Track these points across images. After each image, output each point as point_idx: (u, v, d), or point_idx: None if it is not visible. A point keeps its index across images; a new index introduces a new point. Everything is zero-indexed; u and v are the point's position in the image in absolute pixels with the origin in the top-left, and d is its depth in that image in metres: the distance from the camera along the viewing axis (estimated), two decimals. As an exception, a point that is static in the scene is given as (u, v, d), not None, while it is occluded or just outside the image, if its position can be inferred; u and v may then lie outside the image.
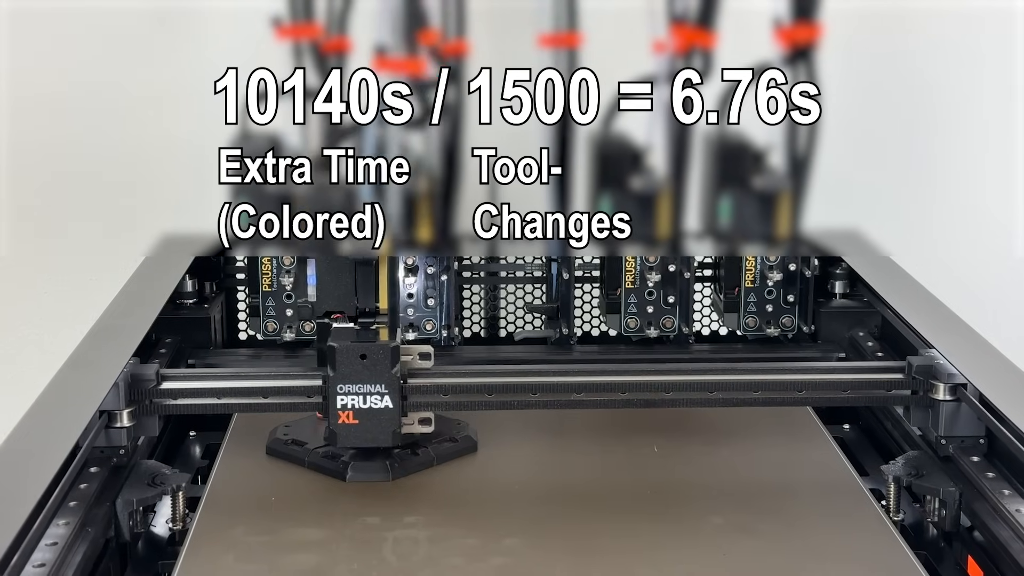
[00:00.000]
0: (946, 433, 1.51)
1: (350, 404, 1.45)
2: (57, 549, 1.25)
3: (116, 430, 1.47)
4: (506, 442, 1.60)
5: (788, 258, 1.84)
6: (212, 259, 1.95)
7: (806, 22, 1.75)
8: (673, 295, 1.85)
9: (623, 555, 1.34)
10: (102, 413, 1.46)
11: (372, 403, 1.46)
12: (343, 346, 1.45)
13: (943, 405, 1.52)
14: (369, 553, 1.34)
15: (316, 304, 1.53)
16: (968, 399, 1.50)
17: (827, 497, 1.48)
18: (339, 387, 1.45)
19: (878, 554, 1.35)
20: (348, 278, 1.52)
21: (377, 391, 1.45)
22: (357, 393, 1.45)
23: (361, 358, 1.45)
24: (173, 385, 1.52)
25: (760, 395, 1.54)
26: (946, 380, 1.52)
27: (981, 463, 1.46)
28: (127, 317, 1.69)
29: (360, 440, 1.47)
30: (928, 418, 1.54)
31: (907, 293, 1.80)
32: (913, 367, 1.54)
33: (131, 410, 1.48)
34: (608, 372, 1.55)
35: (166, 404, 1.51)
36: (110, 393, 1.46)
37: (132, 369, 1.51)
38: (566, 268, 1.90)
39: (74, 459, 1.35)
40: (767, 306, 1.86)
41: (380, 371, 1.45)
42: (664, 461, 1.56)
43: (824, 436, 1.63)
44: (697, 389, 1.54)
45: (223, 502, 1.46)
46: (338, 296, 1.53)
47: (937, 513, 1.46)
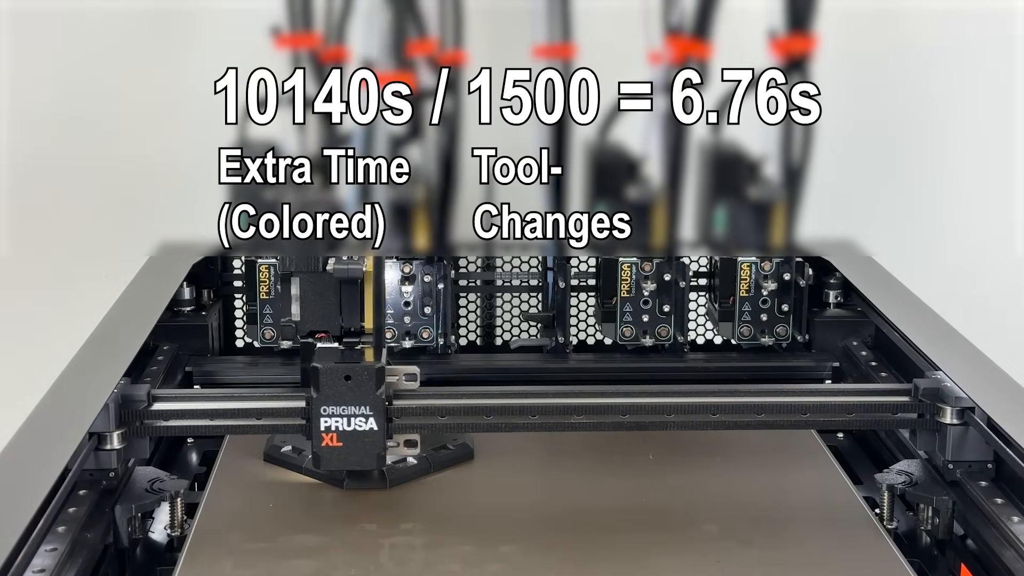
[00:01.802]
0: (953, 457, 1.48)
1: (334, 426, 1.42)
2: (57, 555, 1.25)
3: (106, 452, 1.44)
4: (503, 450, 1.60)
5: (782, 268, 1.85)
6: (210, 266, 1.95)
7: (801, 33, 1.77)
8: (668, 304, 1.86)
9: (619, 563, 1.34)
10: (92, 435, 1.42)
11: (356, 425, 1.42)
12: (327, 367, 1.42)
13: (950, 429, 1.48)
14: (366, 560, 1.35)
15: (300, 323, 1.48)
16: (976, 423, 1.46)
17: (821, 506, 1.49)
18: (322, 409, 1.42)
19: (872, 563, 1.36)
20: (333, 297, 1.47)
21: (362, 413, 1.42)
22: (341, 415, 1.42)
23: (345, 379, 1.42)
24: (164, 407, 1.48)
25: (764, 418, 1.51)
26: (953, 404, 1.48)
27: (989, 488, 1.43)
28: (125, 324, 1.69)
29: (343, 463, 1.44)
30: (935, 442, 1.51)
31: (900, 303, 1.81)
32: (920, 390, 1.51)
33: (121, 432, 1.45)
34: (607, 394, 1.51)
35: (157, 426, 1.48)
36: (100, 415, 1.43)
37: (123, 390, 1.47)
38: (562, 277, 1.90)
39: (63, 482, 1.33)
40: (762, 315, 1.87)
41: (365, 392, 1.42)
42: (659, 469, 1.56)
43: (818, 445, 1.64)
44: (699, 411, 1.50)
45: (221, 508, 1.46)
46: (322, 315, 1.47)
47: (930, 521, 1.47)
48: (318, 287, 1.46)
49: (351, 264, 1.44)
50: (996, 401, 1.47)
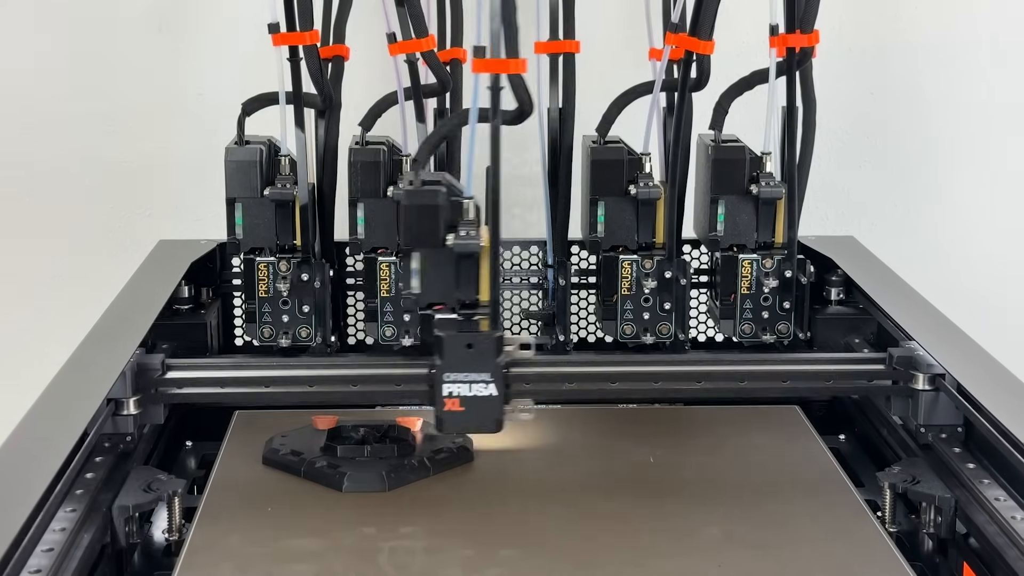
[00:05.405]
0: (925, 422, 1.56)
1: (456, 392, 1.48)
2: (53, 555, 1.25)
3: (123, 417, 1.53)
4: (502, 452, 1.60)
5: (784, 265, 1.84)
6: (208, 264, 1.95)
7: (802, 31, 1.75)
8: (669, 301, 1.85)
9: (620, 566, 1.34)
10: (109, 401, 1.50)
11: (477, 391, 1.48)
12: (450, 336, 1.48)
13: (922, 395, 1.57)
14: (366, 563, 1.35)
15: (420, 296, 1.54)
16: (947, 389, 1.55)
17: (822, 508, 1.48)
18: (446, 375, 1.48)
19: (874, 565, 1.35)
20: (450, 271, 1.52)
21: (482, 379, 1.48)
22: (463, 381, 1.48)
23: (467, 347, 1.48)
24: (177, 375, 1.57)
25: (746, 384, 1.60)
26: (925, 371, 1.57)
27: (961, 453, 1.50)
28: (124, 322, 1.69)
29: (464, 427, 1.51)
30: (908, 407, 1.59)
31: (903, 299, 1.80)
32: (894, 358, 1.59)
33: (137, 398, 1.53)
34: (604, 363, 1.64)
35: (171, 393, 1.57)
36: (117, 382, 1.51)
37: (139, 359, 1.56)
38: (563, 274, 1.90)
39: (83, 445, 1.40)
40: (763, 313, 1.86)
41: (485, 360, 1.48)
42: (660, 471, 1.56)
43: (820, 446, 1.63)
44: (684, 379, 1.60)
45: (219, 512, 1.46)
46: (441, 288, 1.54)
47: (933, 522, 1.46)
48: (437, 261, 1.52)
49: (469, 240, 1.49)
50: (966, 368, 1.55)
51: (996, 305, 2.37)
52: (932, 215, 2.39)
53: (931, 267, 2.33)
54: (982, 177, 2.38)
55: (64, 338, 1.68)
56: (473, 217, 1.51)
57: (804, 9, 1.75)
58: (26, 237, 2.35)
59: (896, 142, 2.36)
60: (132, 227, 2.33)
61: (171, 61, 2.29)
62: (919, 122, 2.35)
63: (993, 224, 2.39)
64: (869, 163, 2.37)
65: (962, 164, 2.37)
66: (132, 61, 2.29)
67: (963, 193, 2.38)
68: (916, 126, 2.35)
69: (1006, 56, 2.34)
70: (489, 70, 1.42)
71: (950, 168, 2.37)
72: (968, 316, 1.80)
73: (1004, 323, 2.34)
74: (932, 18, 2.33)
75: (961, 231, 2.39)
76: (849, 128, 2.35)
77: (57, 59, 2.29)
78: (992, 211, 2.39)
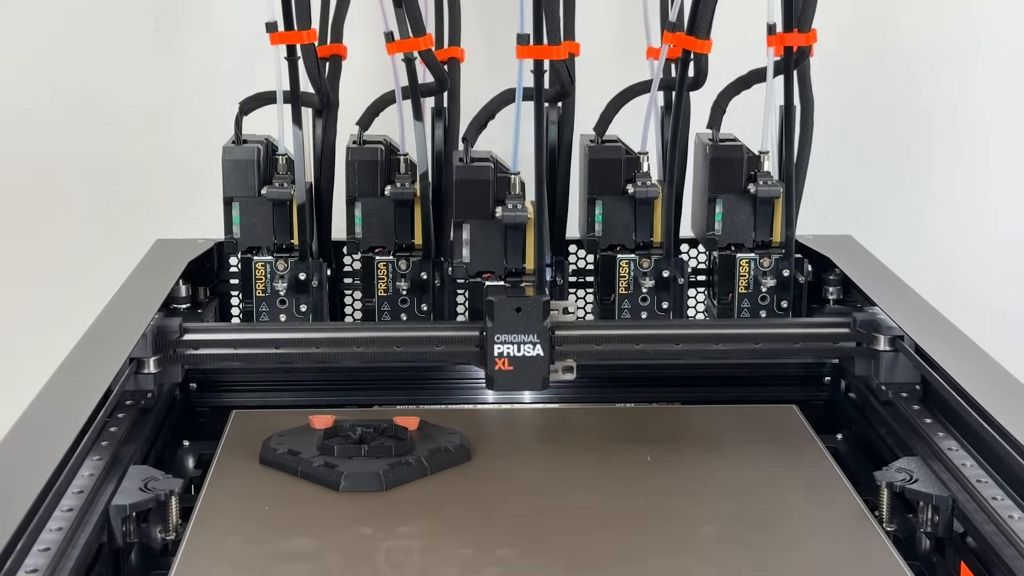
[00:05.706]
0: (886, 380, 1.67)
1: (506, 352, 1.62)
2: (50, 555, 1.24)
3: (144, 375, 1.64)
4: (499, 451, 1.60)
5: (782, 264, 1.84)
6: (206, 263, 1.95)
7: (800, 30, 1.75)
8: (667, 301, 1.85)
9: (617, 566, 1.34)
10: (132, 360, 1.60)
11: (525, 352, 1.62)
12: (500, 300, 1.62)
13: (883, 355, 1.68)
14: (363, 563, 1.34)
15: (470, 265, 1.70)
16: (905, 349, 1.66)
17: (820, 508, 1.48)
18: (496, 336, 1.61)
19: (872, 564, 1.35)
20: (499, 241, 1.69)
21: (530, 340, 1.62)
22: (512, 342, 1.62)
23: (516, 311, 1.62)
24: (194, 336, 1.70)
25: (721, 347, 1.73)
26: (886, 332, 1.68)
27: (920, 409, 1.61)
28: (121, 322, 1.69)
29: (514, 385, 1.64)
30: (870, 367, 1.70)
31: (900, 299, 1.80)
32: (857, 321, 1.71)
33: (157, 358, 1.65)
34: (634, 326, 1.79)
35: (188, 354, 1.69)
36: (139, 342, 1.63)
37: (158, 322, 1.68)
38: (560, 273, 1.90)
39: (107, 400, 1.50)
40: (760, 312, 1.86)
41: (533, 322, 1.62)
42: (657, 471, 1.56)
43: (817, 446, 1.63)
44: (665, 341, 1.72)
45: (216, 512, 1.45)
46: (489, 257, 1.70)
47: (930, 521, 1.46)
48: (486, 232, 1.69)
49: (517, 212, 1.66)
50: (923, 330, 1.67)
51: (996, 305, 2.37)
52: (930, 214, 2.39)
53: (929, 266, 2.33)
54: (980, 176, 2.38)
55: (62, 337, 1.68)
56: (519, 191, 1.67)
57: (802, 8, 1.75)
58: (23, 236, 2.35)
59: (894, 141, 2.36)
60: (129, 226, 2.34)
61: (168, 60, 2.29)
62: (917, 121, 2.35)
63: (992, 223, 2.39)
64: (867, 162, 2.37)
65: (960, 163, 2.37)
66: (129, 59, 2.29)
67: (961, 192, 2.38)
68: (914, 125, 2.35)
69: (1004, 56, 2.34)
70: (533, 56, 1.58)
71: (948, 167, 2.37)
72: (968, 316, 1.80)
73: (1003, 322, 2.35)
74: (930, 18, 2.33)
75: (959, 230, 2.39)
76: (847, 127, 2.35)
77: (54, 58, 2.29)
78: (990, 210, 2.39)
